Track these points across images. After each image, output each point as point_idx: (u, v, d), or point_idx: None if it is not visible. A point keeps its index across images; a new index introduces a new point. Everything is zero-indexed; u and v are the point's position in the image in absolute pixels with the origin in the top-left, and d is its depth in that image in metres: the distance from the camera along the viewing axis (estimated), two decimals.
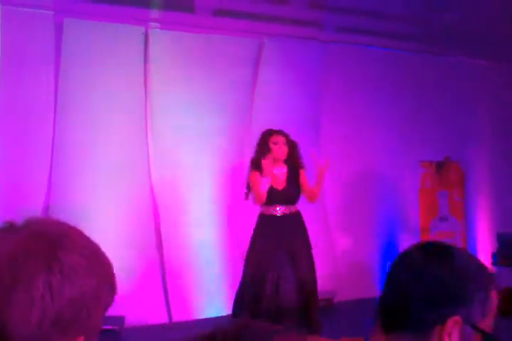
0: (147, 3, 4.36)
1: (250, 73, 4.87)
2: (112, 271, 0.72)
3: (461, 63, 5.80)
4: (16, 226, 0.68)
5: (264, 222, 3.74)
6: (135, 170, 4.48)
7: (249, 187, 3.78)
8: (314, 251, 3.78)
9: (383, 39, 5.36)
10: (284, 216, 3.70)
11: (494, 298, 0.92)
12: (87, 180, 4.26)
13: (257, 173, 3.72)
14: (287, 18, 4.80)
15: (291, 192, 3.74)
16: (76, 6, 4.23)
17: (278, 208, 3.70)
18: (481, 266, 0.94)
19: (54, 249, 0.65)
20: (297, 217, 3.74)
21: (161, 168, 4.56)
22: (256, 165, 3.75)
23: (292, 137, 3.92)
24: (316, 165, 3.72)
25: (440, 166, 5.78)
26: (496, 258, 5.76)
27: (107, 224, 4.19)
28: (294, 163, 3.79)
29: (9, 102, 4.04)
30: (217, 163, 4.70)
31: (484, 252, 6.00)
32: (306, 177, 3.82)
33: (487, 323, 0.91)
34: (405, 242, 5.62)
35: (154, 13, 4.46)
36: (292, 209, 3.74)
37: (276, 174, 3.76)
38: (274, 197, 3.70)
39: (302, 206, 3.85)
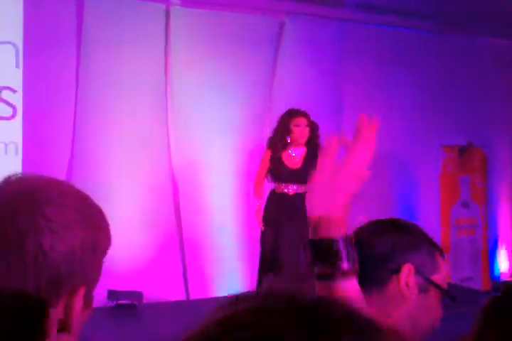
0: None
1: (271, 51, 4.82)
2: (104, 216, 0.70)
3: (485, 43, 5.65)
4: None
5: (275, 200, 3.76)
6: (156, 150, 4.50)
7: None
8: None
9: (404, 18, 5.26)
10: (295, 195, 3.69)
11: (441, 260, 1.06)
12: (108, 157, 4.30)
13: (268, 152, 3.75)
14: None
15: (306, 172, 3.74)
16: None
17: (290, 187, 3.69)
18: (424, 232, 1.10)
19: (40, 205, 0.63)
20: None
21: (182, 148, 4.57)
22: (271, 144, 3.76)
23: (313, 117, 3.90)
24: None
25: (463, 151, 5.68)
26: None
27: (128, 201, 4.24)
28: (314, 145, 3.76)
29: (32, 77, 4.06)
30: (238, 143, 4.69)
31: (505, 239, 5.92)
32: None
33: (439, 278, 1.03)
34: (426, 228, 5.55)
35: None
36: (305, 189, 3.75)
37: (293, 155, 3.74)
38: (288, 176, 3.71)
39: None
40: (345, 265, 0.81)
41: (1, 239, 0.61)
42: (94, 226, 0.67)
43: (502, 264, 5.90)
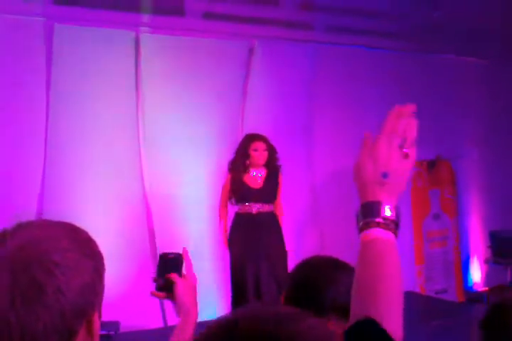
0: (137, 7, 4.37)
1: (241, 75, 4.89)
2: (95, 243, 0.79)
3: (452, 61, 5.83)
4: (1, 239, 0.73)
5: (240, 222, 3.87)
6: (127, 173, 4.48)
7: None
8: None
9: (373, 39, 5.39)
10: (259, 214, 3.81)
11: None
12: (79, 184, 4.25)
13: (229, 176, 3.94)
14: (277, 21, 4.83)
15: (267, 191, 3.86)
16: (66, 12, 4.23)
17: (253, 206, 3.81)
18: None
19: (45, 252, 0.71)
20: (272, 216, 3.86)
21: (154, 170, 4.56)
22: (232, 167, 3.94)
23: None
24: None
25: (431, 165, 5.82)
26: (489, 255, 5.81)
27: (100, 228, 4.19)
28: (273, 166, 3.95)
29: (1, 108, 4.03)
30: (208, 163, 4.71)
31: (477, 250, 6.05)
32: (281, 183, 3.98)
33: None
34: (399, 241, 5.63)
35: (144, 18, 4.47)
36: (268, 208, 3.85)
37: (254, 176, 3.90)
38: (250, 195, 3.84)
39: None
40: (386, 215, 0.85)
41: (21, 292, 0.68)
42: (93, 256, 0.76)
43: (475, 275, 6.01)
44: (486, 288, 5.60)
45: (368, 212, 0.86)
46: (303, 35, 5.04)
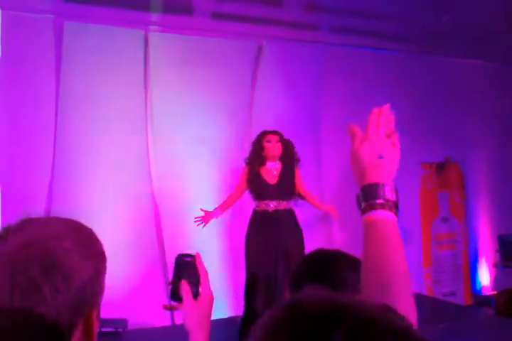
0: (146, 6, 4.38)
1: (249, 76, 4.89)
2: (99, 242, 0.80)
3: (460, 64, 5.81)
4: (2, 234, 0.74)
5: (257, 219, 3.83)
6: (135, 172, 4.49)
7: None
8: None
9: (381, 40, 5.38)
10: (276, 211, 3.78)
11: None
12: (87, 183, 4.27)
13: (246, 169, 3.95)
14: (285, 21, 4.82)
15: (284, 187, 3.83)
16: (76, 10, 4.25)
17: (270, 203, 3.78)
18: None
19: (46, 251, 0.72)
20: (290, 214, 3.82)
21: (162, 170, 4.57)
22: (249, 161, 3.95)
23: (292, 139, 3.99)
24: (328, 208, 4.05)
25: (440, 168, 5.79)
26: (497, 259, 5.77)
27: (110, 228, 4.20)
28: (289, 160, 3.93)
29: (10, 107, 4.05)
30: (218, 165, 4.71)
31: (485, 253, 6.00)
32: (300, 177, 3.98)
33: None
34: (406, 244, 5.62)
35: (154, 17, 4.48)
36: (285, 205, 3.81)
37: (269, 168, 3.88)
38: (266, 191, 3.80)
39: (301, 202, 3.93)
40: (387, 196, 0.90)
41: (19, 289, 0.70)
42: (94, 257, 0.77)
43: (483, 278, 5.96)
44: (495, 292, 5.55)
45: (370, 194, 0.90)
46: (310, 35, 5.04)
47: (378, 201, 0.89)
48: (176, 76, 4.58)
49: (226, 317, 4.39)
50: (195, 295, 1.07)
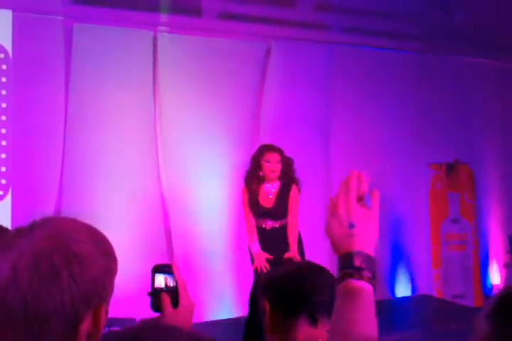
0: (156, 7, 4.39)
1: (258, 76, 4.88)
2: (110, 243, 0.86)
3: (471, 63, 5.76)
4: (28, 228, 0.82)
5: (257, 233, 3.87)
6: (145, 175, 4.50)
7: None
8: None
9: (390, 40, 5.36)
10: (273, 229, 3.81)
11: None
12: (97, 185, 4.29)
13: (245, 190, 3.85)
14: (294, 21, 4.82)
15: (279, 210, 3.80)
16: (85, 12, 4.27)
17: (267, 222, 3.82)
18: None
19: (67, 244, 0.79)
20: (285, 229, 3.79)
21: (171, 172, 4.58)
22: (247, 180, 3.84)
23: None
24: None
25: (450, 168, 5.75)
26: (508, 260, 5.72)
27: (118, 228, 4.22)
28: (288, 179, 3.79)
29: (21, 108, 4.08)
30: (225, 164, 4.71)
31: (496, 254, 5.96)
32: (294, 197, 3.78)
33: None
34: (416, 245, 5.60)
35: (162, 17, 4.50)
36: (280, 223, 3.81)
37: (266, 190, 3.81)
38: (263, 213, 3.81)
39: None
40: (364, 273, 0.93)
41: (39, 273, 0.77)
42: (107, 254, 0.84)
43: (494, 280, 5.91)
44: None
45: (342, 263, 0.95)
46: (319, 35, 5.03)
47: (348, 270, 0.93)
48: (185, 77, 4.59)
49: (233, 317, 4.38)
50: (175, 304, 1.09)
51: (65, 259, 0.78)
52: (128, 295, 4.18)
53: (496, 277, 5.93)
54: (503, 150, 5.99)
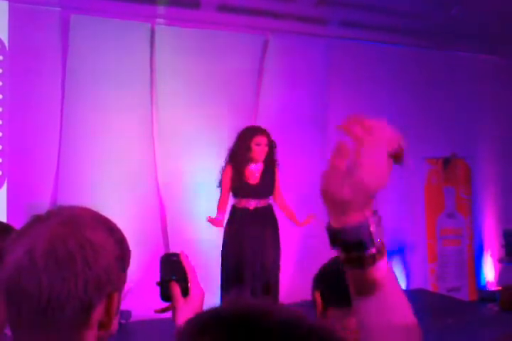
0: None
1: (255, 68, 4.87)
2: (121, 232, 0.87)
3: (468, 58, 5.77)
4: (45, 216, 0.84)
5: (236, 214, 3.88)
6: (141, 168, 4.50)
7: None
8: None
9: (388, 34, 5.35)
10: (256, 209, 3.83)
11: None
12: (93, 177, 4.28)
13: (229, 168, 3.86)
14: (292, 15, 4.80)
15: (263, 187, 3.87)
16: (83, 3, 4.25)
17: (251, 202, 3.82)
18: None
19: (81, 230, 0.81)
20: (269, 209, 3.88)
21: (168, 165, 4.58)
22: (232, 159, 3.86)
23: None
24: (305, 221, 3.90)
25: (446, 163, 5.77)
26: (503, 254, 5.76)
27: (114, 220, 4.21)
28: (270, 161, 3.90)
29: (17, 100, 4.06)
30: (222, 159, 4.70)
31: (491, 249, 5.99)
32: (278, 178, 3.95)
33: None
34: (412, 239, 5.63)
35: (160, 9, 4.47)
36: (264, 202, 3.87)
37: (252, 170, 3.87)
38: (247, 191, 3.83)
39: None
40: (373, 250, 0.70)
41: (55, 258, 0.78)
42: (120, 242, 0.85)
43: (488, 274, 5.95)
44: (500, 287, 5.55)
45: (357, 241, 0.70)
46: (317, 29, 5.02)
47: (372, 251, 0.69)
48: (182, 68, 4.58)
49: None
50: (185, 293, 1.08)
51: (79, 245, 0.79)
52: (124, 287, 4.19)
53: (490, 271, 5.97)
54: (499, 146, 6.00)
